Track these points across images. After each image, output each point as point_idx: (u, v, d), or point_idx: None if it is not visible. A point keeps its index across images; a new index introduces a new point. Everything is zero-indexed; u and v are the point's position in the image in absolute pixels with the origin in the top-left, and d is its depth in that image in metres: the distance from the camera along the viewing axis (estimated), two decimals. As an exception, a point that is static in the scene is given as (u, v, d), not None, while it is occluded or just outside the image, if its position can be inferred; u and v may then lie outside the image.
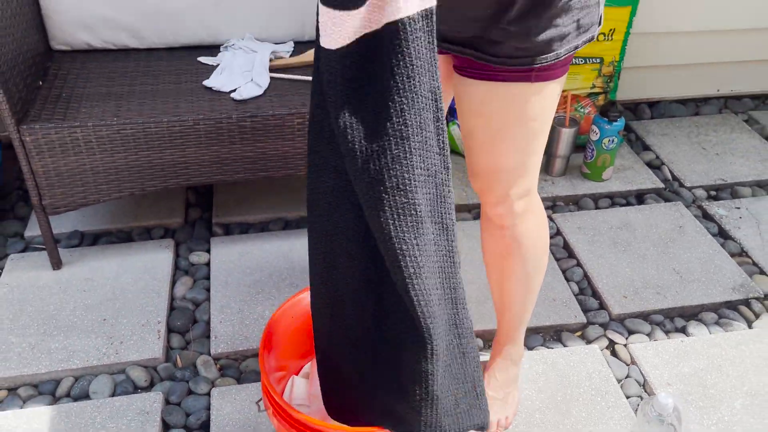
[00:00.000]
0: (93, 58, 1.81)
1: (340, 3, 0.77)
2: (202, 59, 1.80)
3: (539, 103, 1.08)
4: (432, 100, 0.83)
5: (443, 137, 0.86)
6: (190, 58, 1.82)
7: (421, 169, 0.83)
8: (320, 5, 0.79)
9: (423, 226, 0.86)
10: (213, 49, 1.86)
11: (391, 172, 0.81)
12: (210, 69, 1.76)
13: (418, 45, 0.78)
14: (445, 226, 0.91)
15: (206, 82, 1.68)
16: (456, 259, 0.94)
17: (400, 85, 0.79)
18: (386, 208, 0.83)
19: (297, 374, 1.40)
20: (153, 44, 1.84)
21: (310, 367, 1.38)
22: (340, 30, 0.78)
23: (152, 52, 1.85)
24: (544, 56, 1.02)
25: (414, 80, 0.79)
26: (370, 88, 0.81)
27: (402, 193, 0.82)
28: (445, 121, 0.86)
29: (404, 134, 0.81)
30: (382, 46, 0.78)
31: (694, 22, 2.40)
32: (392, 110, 0.79)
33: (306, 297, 1.28)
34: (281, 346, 1.24)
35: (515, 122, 1.10)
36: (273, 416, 1.09)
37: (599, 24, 1.08)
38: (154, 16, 1.79)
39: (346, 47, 0.80)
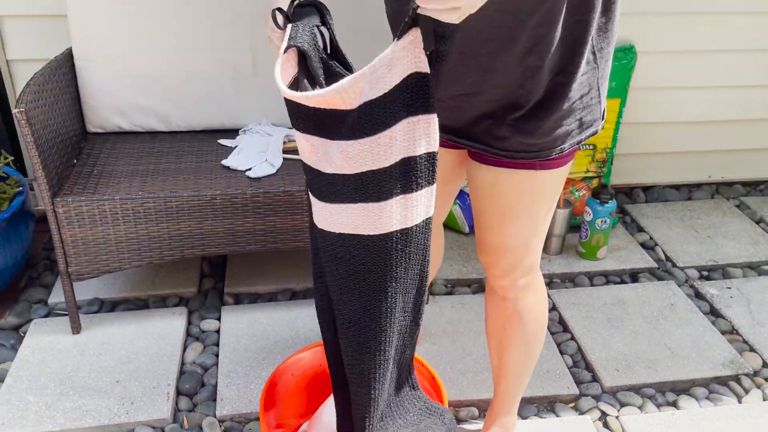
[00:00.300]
0: (123, 139, 1.98)
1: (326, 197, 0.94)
2: (222, 141, 1.97)
3: (543, 188, 1.19)
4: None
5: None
6: (211, 140, 1.99)
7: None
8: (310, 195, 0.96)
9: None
10: (232, 133, 2.03)
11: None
12: (229, 150, 1.93)
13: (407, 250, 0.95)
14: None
15: (224, 162, 1.84)
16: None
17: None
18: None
19: (296, 434, 1.47)
20: (178, 127, 2.02)
21: (307, 426, 1.45)
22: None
23: (177, 134, 2.02)
24: (548, 151, 1.13)
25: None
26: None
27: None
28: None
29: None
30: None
31: (680, 113, 2.57)
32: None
33: (304, 356, 1.37)
34: (281, 404, 1.32)
35: (520, 205, 1.20)
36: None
37: (602, 118, 1.18)
38: (180, 102, 1.98)
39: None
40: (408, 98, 0.85)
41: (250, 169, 1.80)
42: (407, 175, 0.89)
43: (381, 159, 0.88)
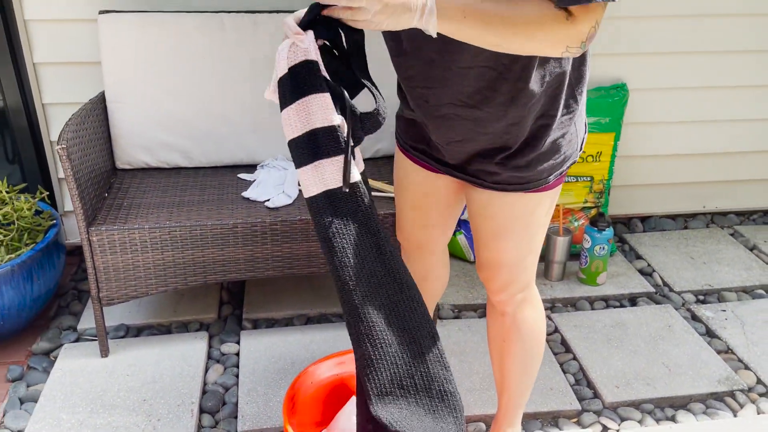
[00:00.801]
0: (149, 174, 2.13)
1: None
2: (242, 175, 2.12)
3: (534, 209, 1.31)
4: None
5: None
6: (231, 174, 2.13)
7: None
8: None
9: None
10: (251, 168, 2.17)
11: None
12: (248, 183, 2.07)
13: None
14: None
15: (245, 194, 1.97)
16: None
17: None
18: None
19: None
20: (200, 163, 2.17)
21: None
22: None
23: (199, 170, 2.17)
24: (535, 183, 1.27)
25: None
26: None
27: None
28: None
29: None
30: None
31: (673, 146, 2.70)
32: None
33: (321, 366, 1.47)
34: (300, 411, 1.42)
35: (513, 224, 1.32)
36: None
37: (580, 149, 1.32)
38: (203, 140, 2.13)
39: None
40: (300, 81, 1.03)
41: (268, 200, 1.94)
42: (313, 146, 1.06)
43: (291, 130, 1.07)
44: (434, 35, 1.00)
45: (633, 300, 2.33)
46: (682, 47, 2.52)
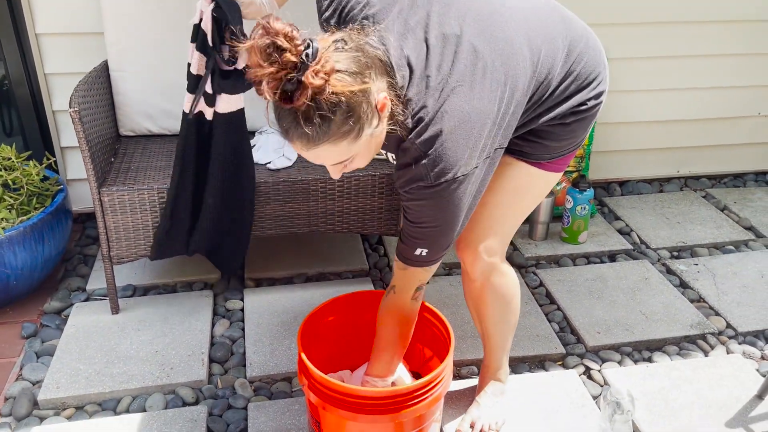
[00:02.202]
0: (152, 141, 2.21)
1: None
2: (242, 141, 2.21)
3: (522, 180, 1.42)
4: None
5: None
6: (231, 140, 2.22)
7: None
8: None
9: None
10: (250, 134, 2.26)
11: None
12: (248, 148, 2.16)
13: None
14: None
15: (246, 157, 2.07)
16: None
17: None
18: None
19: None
20: (201, 130, 2.25)
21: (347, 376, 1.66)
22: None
23: (200, 136, 2.25)
24: (532, 155, 1.40)
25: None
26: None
27: None
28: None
29: None
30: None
31: (649, 113, 2.84)
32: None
33: (335, 301, 1.61)
34: (311, 347, 1.53)
35: (499, 182, 1.41)
36: (308, 389, 1.38)
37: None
38: (203, 107, 2.22)
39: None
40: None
41: (269, 162, 2.03)
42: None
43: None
44: None
45: (612, 257, 2.47)
46: (657, 18, 2.65)
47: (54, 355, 1.89)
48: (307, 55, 1.03)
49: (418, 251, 1.28)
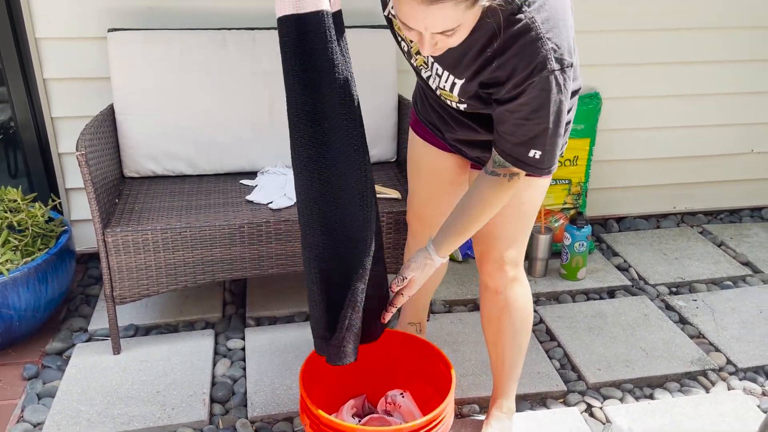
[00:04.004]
0: (156, 182, 2.25)
1: None
2: (244, 181, 2.25)
3: (526, 191, 1.48)
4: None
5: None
6: (233, 181, 2.26)
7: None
8: None
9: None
10: (252, 175, 2.31)
11: None
12: (250, 189, 2.20)
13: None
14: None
15: (248, 197, 2.11)
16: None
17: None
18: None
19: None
20: (204, 171, 2.30)
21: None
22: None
23: (203, 177, 2.30)
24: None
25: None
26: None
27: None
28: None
29: None
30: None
31: (645, 151, 2.89)
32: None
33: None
34: (314, 387, 1.54)
35: (509, 201, 1.47)
36: (309, 430, 1.38)
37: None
38: (206, 149, 2.26)
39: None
40: None
41: (271, 202, 2.07)
42: None
43: None
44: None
45: (611, 293, 2.49)
46: (650, 59, 2.72)
47: (55, 396, 1.90)
48: None
49: (531, 153, 1.30)
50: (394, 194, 2.14)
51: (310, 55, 1.31)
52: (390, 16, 1.39)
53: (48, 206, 2.19)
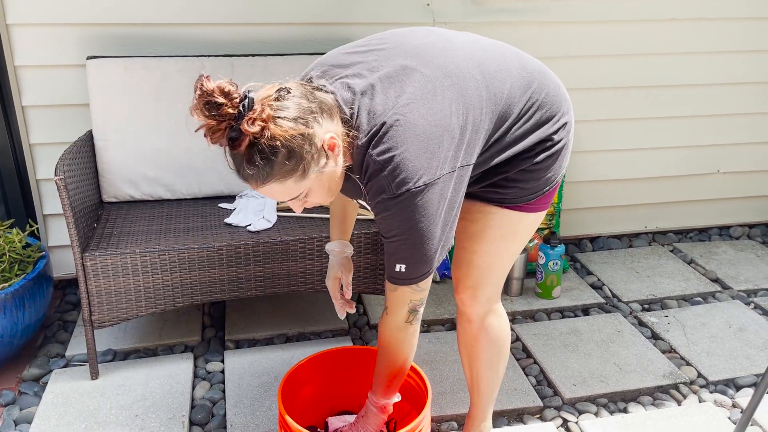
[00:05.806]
0: (135, 207, 2.27)
1: None
2: (222, 205, 2.27)
3: (510, 224, 1.49)
4: None
5: None
6: (212, 205, 2.29)
7: None
8: None
9: None
10: (230, 198, 2.33)
11: None
12: (228, 212, 2.23)
13: None
14: None
15: (227, 220, 2.13)
16: None
17: None
18: None
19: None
20: (182, 195, 2.32)
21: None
22: None
23: (182, 201, 2.32)
24: (513, 200, 1.46)
25: None
26: None
27: None
28: None
29: None
30: None
31: (616, 172, 2.97)
32: None
33: (313, 359, 1.63)
34: (292, 404, 1.56)
35: (490, 231, 1.49)
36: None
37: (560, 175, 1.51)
38: (185, 173, 2.29)
39: None
40: None
41: (249, 225, 2.09)
42: None
43: None
44: None
45: (586, 310, 2.54)
46: (620, 83, 2.82)
47: (32, 422, 1.88)
48: (243, 106, 1.15)
49: (397, 267, 1.31)
50: (372, 215, 2.17)
51: None
52: None
53: (25, 232, 2.19)
